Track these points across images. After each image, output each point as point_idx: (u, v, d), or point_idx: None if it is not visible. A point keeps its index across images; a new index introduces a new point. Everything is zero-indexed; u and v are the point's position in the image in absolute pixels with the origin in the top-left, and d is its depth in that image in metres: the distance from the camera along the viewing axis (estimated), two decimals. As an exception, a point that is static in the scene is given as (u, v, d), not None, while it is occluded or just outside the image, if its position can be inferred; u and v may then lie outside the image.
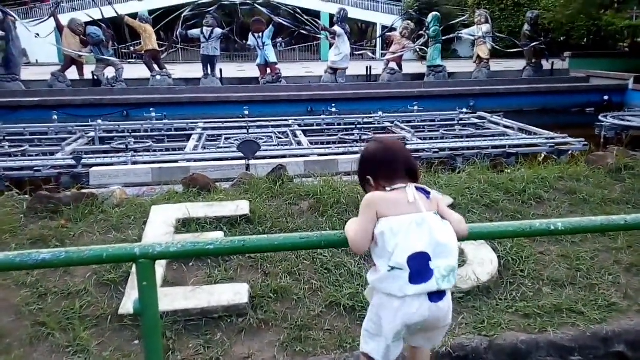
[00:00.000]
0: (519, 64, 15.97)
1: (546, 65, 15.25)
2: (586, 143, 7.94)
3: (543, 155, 7.03)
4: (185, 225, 3.44)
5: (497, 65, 16.43)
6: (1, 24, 12.40)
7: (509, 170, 4.57)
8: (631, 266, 3.18)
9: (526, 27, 15.21)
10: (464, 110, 10.85)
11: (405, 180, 1.68)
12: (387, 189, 1.67)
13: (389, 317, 1.63)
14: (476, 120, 10.37)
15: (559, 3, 18.07)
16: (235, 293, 2.75)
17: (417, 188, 1.68)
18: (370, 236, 1.62)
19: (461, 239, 1.70)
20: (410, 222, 1.58)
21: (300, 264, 3.08)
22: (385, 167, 1.70)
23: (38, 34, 13.43)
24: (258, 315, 2.68)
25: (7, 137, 8.67)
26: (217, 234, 3.28)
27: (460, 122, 10.23)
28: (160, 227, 3.35)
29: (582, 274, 3.08)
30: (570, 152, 7.55)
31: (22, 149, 7.99)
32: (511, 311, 2.77)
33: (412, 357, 1.88)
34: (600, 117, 10.24)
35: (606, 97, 13.25)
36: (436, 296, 1.60)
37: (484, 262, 3.07)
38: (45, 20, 14.48)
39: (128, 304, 2.63)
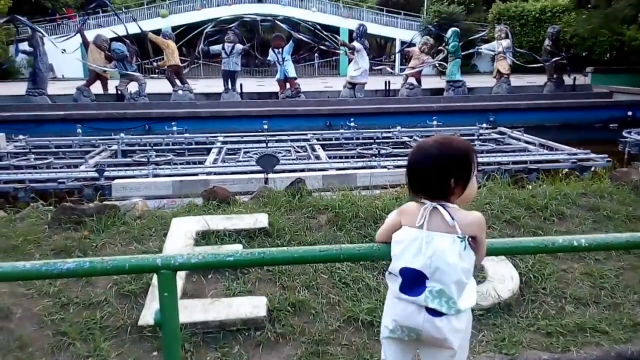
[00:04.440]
0: (540, 80, 15.83)
1: (568, 80, 15.09)
2: (609, 159, 7.79)
3: (565, 171, 6.93)
4: (204, 237, 3.46)
5: (518, 80, 16.31)
6: (29, 40, 12.84)
7: (530, 186, 4.52)
8: (657, 285, 3.10)
9: (547, 42, 15.13)
10: (484, 125, 10.77)
11: (432, 198, 1.61)
12: (417, 199, 1.67)
13: (387, 308, 1.71)
14: (496, 136, 10.27)
15: (579, 18, 17.92)
16: (253, 306, 2.76)
17: (445, 208, 1.58)
18: (388, 237, 1.70)
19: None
20: (416, 238, 1.59)
21: (319, 278, 3.08)
22: (414, 179, 1.65)
23: (64, 50, 13.85)
24: (276, 328, 2.68)
25: (32, 150, 8.88)
26: (235, 246, 3.30)
27: (480, 137, 10.15)
28: (180, 239, 3.38)
29: (606, 293, 3.02)
30: (593, 168, 7.42)
31: (47, 161, 8.19)
32: (533, 329, 2.72)
33: None
34: (624, 133, 10.06)
35: (630, 113, 13.03)
36: (434, 312, 1.59)
37: (504, 278, 3.03)
38: (72, 37, 14.92)
39: (147, 315, 2.65)
